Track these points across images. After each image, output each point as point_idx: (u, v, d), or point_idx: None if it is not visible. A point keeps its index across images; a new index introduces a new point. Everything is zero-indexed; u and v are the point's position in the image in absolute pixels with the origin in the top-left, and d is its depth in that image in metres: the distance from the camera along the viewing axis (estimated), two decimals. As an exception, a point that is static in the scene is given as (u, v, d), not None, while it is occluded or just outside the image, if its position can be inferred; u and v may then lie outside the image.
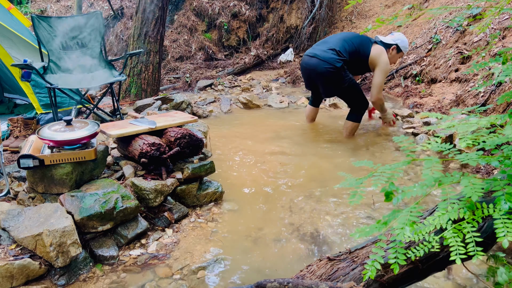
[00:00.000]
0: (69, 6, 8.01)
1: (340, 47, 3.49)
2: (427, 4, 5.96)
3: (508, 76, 1.28)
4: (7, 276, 1.82)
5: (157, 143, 2.53)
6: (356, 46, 3.55)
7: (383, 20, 1.38)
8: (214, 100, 5.16)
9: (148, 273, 2.06)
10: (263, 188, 2.86)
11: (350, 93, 3.58)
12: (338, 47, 3.48)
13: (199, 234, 2.38)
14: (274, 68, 6.98)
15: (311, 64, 3.51)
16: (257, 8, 7.50)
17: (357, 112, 3.67)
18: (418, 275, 1.40)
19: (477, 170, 2.96)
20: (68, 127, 2.34)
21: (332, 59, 3.41)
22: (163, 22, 5.00)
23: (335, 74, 3.42)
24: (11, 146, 3.26)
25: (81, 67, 3.62)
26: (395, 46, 3.65)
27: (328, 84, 3.53)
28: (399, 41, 3.66)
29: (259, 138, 3.78)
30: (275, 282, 1.35)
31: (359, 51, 3.55)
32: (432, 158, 1.17)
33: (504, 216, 1.01)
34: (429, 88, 4.63)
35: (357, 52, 3.54)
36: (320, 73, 3.46)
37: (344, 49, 3.49)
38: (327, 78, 3.46)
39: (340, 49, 3.48)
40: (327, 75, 3.43)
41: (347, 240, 2.29)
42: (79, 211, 2.10)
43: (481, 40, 4.35)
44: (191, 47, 7.04)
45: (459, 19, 4.24)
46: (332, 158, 3.35)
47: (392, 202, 1.13)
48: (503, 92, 3.55)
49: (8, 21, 3.60)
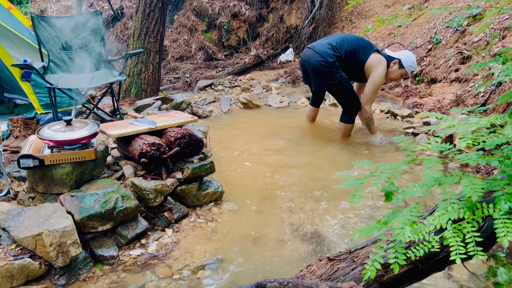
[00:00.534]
0: (69, 6, 8.01)
1: (338, 44, 3.49)
2: (427, 4, 5.96)
3: (508, 76, 1.28)
4: (7, 276, 1.82)
5: (157, 143, 2.53)
6: (355, 48, 3.50)
7: (383, 20, 1.38)
8: (214, 100, 5.16)
9: (148, 273, 2.06)
10: (263, 188, 2.86)
11: (339, 91, 3.56)
12: (336, 43, 3.49)
13: (199, 234, 2.38)
14: (274, 68, 6.98)
15: (307, 56, 3.58)
16: (257, 8, 7.50)
17: (348, 114, 3.62)
18: (418, 275, 1.40)
19: (477, 170, 2.96)
20: (68, 127, 2.33)
21: (325, 53, 3.44)
22: (163, 22, 5.01)
23: (326, 68, 3.44)
24: (11, 146, 3.25)
25: (81, 67, 3.62)
26: (397, 61, 3.50)
27: (317, 77, 3.56)
28: (402, 56, 3.51)
29: (259, 138, 3.78)
30: (275, 282, 1.35)
31: (357, 53, 3.49)
32: (432, 158, 1.17)
33: (504, 216, 1.01)
34: (429, 88, 4.63)
35: (354, 54, 3.49)
36: (312, 65, 3.51)
37: (341, 47, 3.48)
38: (317, 71, 3.50)
39: (337, 46, 3.47)
40: (318, 68, 3.47)
41: (347, 240, 2.29)
42: (79, 211, 2.10)
43: (481, 40, 4.35)
44: (191, 47, 7.04)
45: (459, 19, 4.24)
46: (332, 157, 3.35)
47: (392, 202, 1.13)
48: (503, 92, 3.55)
49: (8, 21, 3.60)
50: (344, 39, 3.56)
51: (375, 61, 3.46)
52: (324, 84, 3.57)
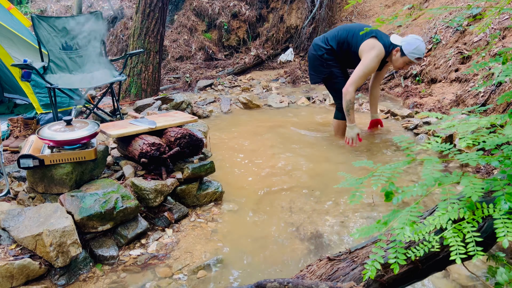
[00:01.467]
0: (69, 6, 8.01)
1: (332, 36, 3.47)
2: (427, 4, 5.96)
3: (508, 76, 1.28)
4: (7, 276, 1.82)
5: (157, 143, 2.53)
6: (348, 37, 3.38)
7: (383, 20, 1.38)
8: (214, 100, 5.16)
9: (148, 273, 2.06)
10: (263, 188, 2.86)
11: (329, 85, 3.62)
12: (330, 35, 3.50)
13: (199, 234, 2.38)
14: (274, 68, 6.98)
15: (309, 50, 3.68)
16: (257, 8, 7.50)
17: (339, 110, 3.56)
18: (418, 275, 1.40)
19: (477, 169, 2.96)
20: (68, 127, 2.33)
21: (317, 46, 3.51)
22: (163, 22, 5.01)
23: (317, 60, 3.52)
24: (11, 146, 3.26)
25: (81, 67, 3.62)
26: (398, 49, 3.29)
27: (311, 69, 3.65)
28: (404, 43, 3.26)
29: (259, 138, 3.78)
30: (275, 282, 1.35)
31: (350, 42, 3.37)
32: (432, 158, 1.17)
33: (504, 216, 1.01)
34: (429, 88, 4.63)
35: (348, 44, 3.38)
36: (308, 58, 3.64)
37: (334, 38, 3.44)
38: (310, 63, 3.61)
39: (329, 38, 3.47)
40: (311, 60, 3.58)
41: (347, 240, 2.29)
42: (79, 211, 2.10)
43: (481, 40, 4.35)
44: (191, 47, 7.04)
45: (459, 19, 4.24)
46: (332, 157, 3.35)
47: (392, 202, 1.13)
48: (503, 92, 3.55)
49: (8, 21, 3.60)
50: (341, 29, 3.49)
51: (367, 46, 3.29)
52: (315, 77, 3.63)
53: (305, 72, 6.40)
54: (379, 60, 3.33)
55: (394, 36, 3.38)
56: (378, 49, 3.27)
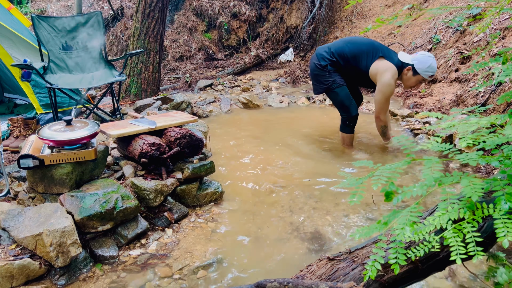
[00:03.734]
0: (69, 6, 8.01)
1: (337, 48, 3.37)
2: (427, 4, 5.96)
3: (508, 76, 1.28)
4: (7, 276, 1.82)
5: (157, 143, 2.53)
6: (356, 54, 3.30)
7: (383, 20, 1.38)
8: (214, 100, 5.16)
9: (148, 273, 2.06)
10: (263, 188, 2.86)
11: (331, 96, 3.48)
12: (335, 48, 3.39)
13: (199, 234, 2.38)
14: (274, 68, 6.98)
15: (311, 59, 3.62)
16: (257, 8, 7.50)
17: (343, 122, 3.48)
18: (418, 275, 1.40)
19: (477, 169, 2.96)
20: (68, 127, 2.33)
21: (320, 56, 3.40)
22: (163, 22, 5.01)
23: (318, 71, 3.42)
24: (11, 146, 3.26)
25: (81, 67, 3.62)
26: (410, 67, 3.18)
27: (313, 79, 3.57)
28: (415, 61, 3.16)
29: (258, 138, 3.78)
30: (275, 282, 1.35)
31: (358, 59, 3.29)
32: (432, 158, 1.17)
33: (504, 216, 1.01)
34: (429, 88, 4.63)
35: (355, 60, 3.30)
36: (310, 67, 3.56)
37: (340, 52, 3.34)
38: (312, 73, 3.53)
39: (335, 50, 3.36)
40: (313, 70, 3.50)
41: (347, 240, 2.29)
42: (79, 211, 2.10)
43: (481, 40, 4.35)
44: (191, 47, 7.04)
45: (459, 19, 4.24)
46: (332, 157, 3.35)
47: (392, 202, 1.13)
48: (503, 92, 3.55)
49: (8, 21, 3.60)
50: (348, 42, 3.40)
51: (381, 69, 3.21)
52: (318, 87, 3.51)
53: (305, 72, 6.40)
54: (395, 81, 3.27)
55: (402, 53, 3.30)
56: (392, 71, 3.20)
